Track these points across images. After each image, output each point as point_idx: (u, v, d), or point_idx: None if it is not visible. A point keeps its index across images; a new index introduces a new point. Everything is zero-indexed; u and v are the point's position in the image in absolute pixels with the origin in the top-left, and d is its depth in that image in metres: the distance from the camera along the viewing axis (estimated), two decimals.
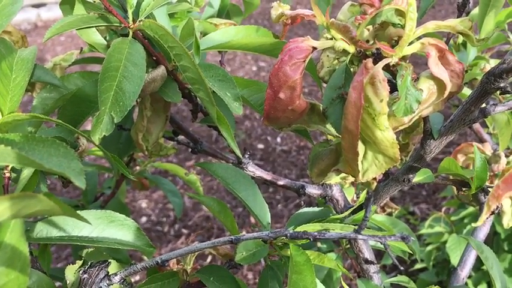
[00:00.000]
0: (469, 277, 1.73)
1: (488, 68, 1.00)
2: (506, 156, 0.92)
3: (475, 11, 1.12)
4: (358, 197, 0.84)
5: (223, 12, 0.76)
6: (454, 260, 1.73)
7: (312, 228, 0.54)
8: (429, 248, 1.94)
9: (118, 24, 0.51)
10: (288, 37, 0.56)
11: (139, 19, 0.49)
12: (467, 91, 0.95)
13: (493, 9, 0.88)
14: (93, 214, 0.47)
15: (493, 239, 1.76)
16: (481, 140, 1.08)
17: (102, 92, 0.44)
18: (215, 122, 0.48)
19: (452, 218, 1.87)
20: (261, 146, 3.22)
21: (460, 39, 1.12)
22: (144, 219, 2.81)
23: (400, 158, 0.49)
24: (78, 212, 0.46)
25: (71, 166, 0.33)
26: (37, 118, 0.49)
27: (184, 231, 2.69)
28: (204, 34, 0.68)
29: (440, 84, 0.48)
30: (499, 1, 0.88)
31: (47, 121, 0.51)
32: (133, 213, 2.81)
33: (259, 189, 0.60)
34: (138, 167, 0.98)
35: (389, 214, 0.96)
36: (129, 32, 0.50)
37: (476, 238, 0.87)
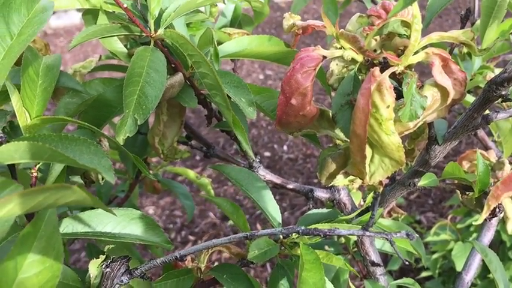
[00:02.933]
0: (476, 286, 1.74)
1: (492, 76, 1.02)
2: (511, 163, 0.94)
3: (479, 21, 1.15)
4: (365, 201, 0.87)
5: (236, 22, 0.79)
6: (460, 268, 1.73)
7: (321, 227, 0.56)
8: (435, 256, 1.95)
9: (139, 34, 0.54)
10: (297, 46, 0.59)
11: (160, 29, 0.53)
12: (470, 98, 0.97)
13: (495, 21, 0.91)
14: (115, 211, 0.49)
15: (498, 248, 1.77)
16: (486, 148, 1.10)
17: (127, 96, 0.47)
18: (231, 126, 0.51)
19: (458, 226, 1.88)
20: (267, 153, 3.25)
21: (465, 49, 1.14)
22: None
23: (405, 162, 0.52)
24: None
25: (102, 163, 0.36)
26: (63, 120, 0.52)
27: (191, 237, 2.71)
28: (218, 43, 0.71)
29: (443, 91, 0.51)
30: (501, 12, 0.90)
31: (72, 123, 0.54)
32: None
33: (270, 191, 0.62)
34: (151, 171, 1.01)
35: (396, 219, 0.98)
36: (150, 40, 0.53)
37: (480, 243, 0.89)
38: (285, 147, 3.27)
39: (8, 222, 0.30)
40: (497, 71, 1.17)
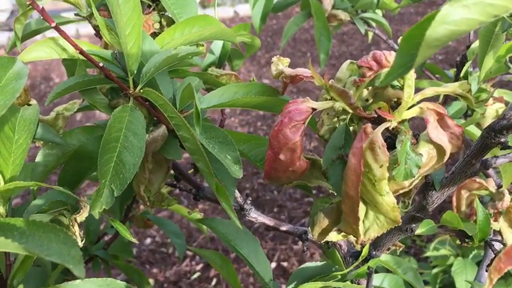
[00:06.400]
0: None
1: (491, 103, 1.00)
2: (510, 193, 0.92)
3: (476, 44, 1.13)
4: (361, 245, 0.84)
5: (225, 58, 0.76)
6: (460, 285, 1.71)
7: (313, 286, 0.54)
8: (435, 270, 1.93)
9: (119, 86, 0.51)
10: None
11: (140, 85, 0.50)
12: (477, 131, 0.95)
13: (493, 49, 0.89)
14: (95, 282, 0.47)
15: None
16: (486, 175, 1.07)
17: (103, 164, 0.44)
18: (214, 192, 0.48)
19: (458, 241, 1.85)
20: None
21: (463, 72, 1.12)
22: (148, 240, 2.81)
23: (400, 221, 0.49)
24: (79, 281, 0.46)
25: (71, 253, 0.33)
26: (38, 185, 0.49)
27: (189, 252, 2.67)
28: (204, 82, 0.68)
29: (439, 148, 0.48)
30: (499, 41, 0.88)
31: (52, 170, 0.51)
32: (138, 235, 2.81)
33: (260, 246, 0.59)
34: (142, 206, 0.98)
35: (394, 252, 0.95)
36: (130, 97, 0.51)
37: (480, 280, 0.87)
38: None
39: None
40: (495, 92, 1.15)
